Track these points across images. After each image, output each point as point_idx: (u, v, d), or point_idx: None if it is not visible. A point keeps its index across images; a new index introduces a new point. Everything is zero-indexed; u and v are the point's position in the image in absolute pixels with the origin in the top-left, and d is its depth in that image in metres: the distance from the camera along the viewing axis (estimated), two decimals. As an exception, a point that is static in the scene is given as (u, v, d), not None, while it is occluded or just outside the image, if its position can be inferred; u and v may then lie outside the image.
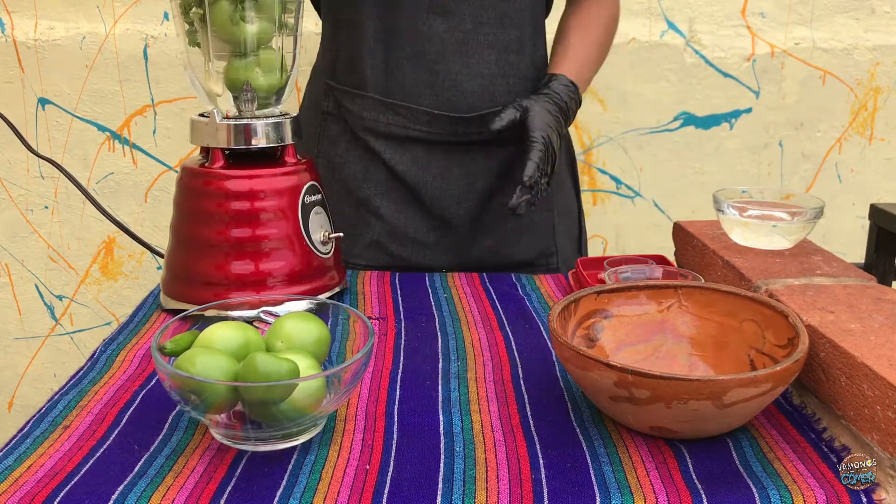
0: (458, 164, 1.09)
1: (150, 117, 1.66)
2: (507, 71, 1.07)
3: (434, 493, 0.56)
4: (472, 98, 1.06)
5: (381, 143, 1.08)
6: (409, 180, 1.09)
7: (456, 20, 1.04)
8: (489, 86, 1.07)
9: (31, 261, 1.73)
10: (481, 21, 1.05)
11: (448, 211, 1.10)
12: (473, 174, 1.09)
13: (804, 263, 0.85)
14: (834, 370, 0.64)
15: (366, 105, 1.08)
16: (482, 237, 1.12)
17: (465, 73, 1.05)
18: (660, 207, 1.81)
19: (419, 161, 1.08)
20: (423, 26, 1.03)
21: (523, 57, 1.08)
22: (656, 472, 0.59)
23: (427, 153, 1.08)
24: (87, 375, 0.73)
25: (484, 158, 1.09)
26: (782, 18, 1.72)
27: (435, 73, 1.05)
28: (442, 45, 1.04)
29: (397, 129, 1.07)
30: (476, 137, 1.08)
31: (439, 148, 1.08)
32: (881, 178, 1.84)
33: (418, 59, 1.04)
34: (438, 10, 1.03)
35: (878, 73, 1.76)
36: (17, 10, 1.59)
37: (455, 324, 0.86)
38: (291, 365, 0.59)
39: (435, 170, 1.08)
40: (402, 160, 1.08)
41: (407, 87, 1.06)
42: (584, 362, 0.61)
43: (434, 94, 1.05)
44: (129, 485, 0.56)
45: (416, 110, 1.06)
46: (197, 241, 0.85)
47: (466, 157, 1.09)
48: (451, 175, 1.09)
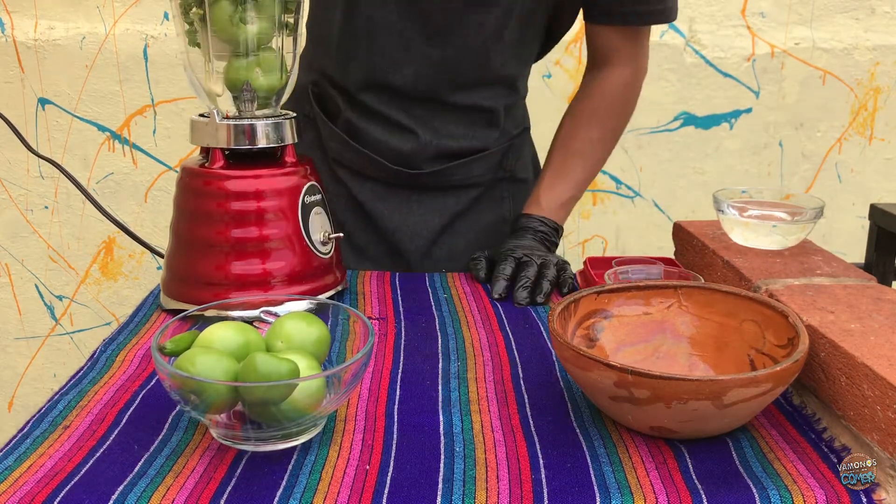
0: (416, 202, 1.10)
1: (150, 117, 1.66)
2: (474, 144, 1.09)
3: (434, 494, 0.56)
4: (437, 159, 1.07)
5: (344, 172, 1.11)
6: (367, 209, 1.11)
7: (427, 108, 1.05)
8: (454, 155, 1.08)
9: (31, 261, 1.73)
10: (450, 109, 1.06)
11: (402, 245, 1.11)
12: (429, 213, 1.11)
13: (804, 263, 0.85)
14: (834, 370, 0.64)
15: (333, 137, 1.10)
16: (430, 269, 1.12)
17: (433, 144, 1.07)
18: (660, 207, 1.81)
19: (378, 194, 1.10)
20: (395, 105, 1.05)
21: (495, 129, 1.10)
22: (656, 472, 0.59)
23: (386, 190, 1.10)
24: (87, 375, 0.73)
25: (442, 198, 1.11)
26: (782, 18, 1.72)
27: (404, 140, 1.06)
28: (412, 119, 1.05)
29: (357, 167, 1.10)
30: (436, 185, 1.10)
31: (399, 186, 1.10)
32: (881, 178, 1.84)
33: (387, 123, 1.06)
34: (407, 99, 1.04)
35: (878, 73, 1.76)
36: (17, 10, 1.59)
37: (455, 324, 0.86)
38: (291, 365, 0.59)
39: (393, 204, 1.10)
40: (362, 189, 1.11)
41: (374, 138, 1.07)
42: (584, 362, 0.61)
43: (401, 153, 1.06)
44: (129, 485, 0.56)
45: (378, 161, 1.07)
46: (197, 241, 0.85)
47: (425, 197, 1.11)
48: (408, 212, 1.10)
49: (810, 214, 0.88)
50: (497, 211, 1.15)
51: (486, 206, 1.14)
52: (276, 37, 0.88)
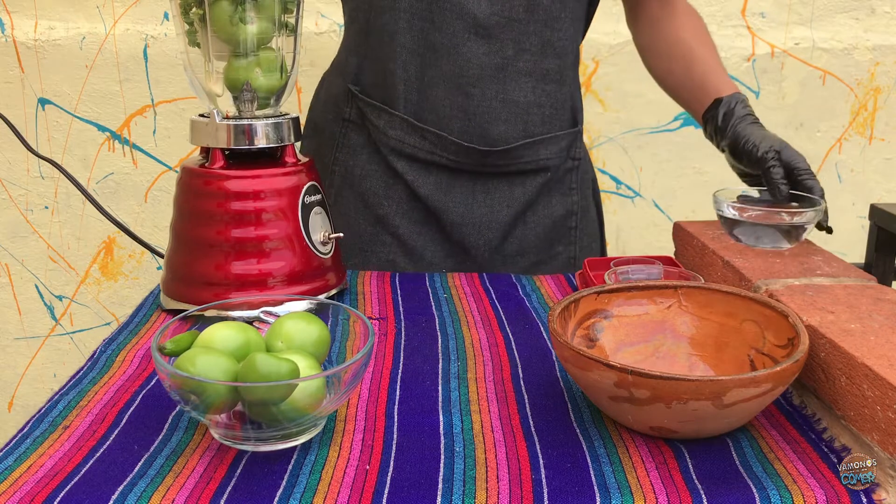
0: (482, 192, 1.06)
1: (150, 117, 1.66)
2: (543, 101, 1.04)
3: (434, 494, 0.56)
4: (504, 126, 1.03)
5: (405, 164, 1.06)
6: (430, 204, 1.06)
7: (497, 45, 1.00)
8: (523, 115, 1.04)
9: (31, 261, 1.73)
10: (523, 48, 1.01)
11: (468, 239, 1.07)
12: (497, 203, 1.07)
13: (804, 263, 0.85)
14: (834, 370, 0.64)
15: (393, 123, 1.05)
16: (501, 267, 1.10)
17: (499, 99, 1.02)
18: (660, 207, 1.81)
19: (442, 186, 1.06)
20: (463, 47, 1.00)
21: (562, 87, 1.06)
22: (656, 472, 0.59)
23: (451, 178, 1.06)
24: (87, 375, 0.73)
25: (508, 188, 1.07)
26: (782, 18, 1.72)
27: (470, 97, 1.01)
28: (480, 68, 1.00)
29: (423, 154, 1.05)
30: (503, 168, 1.06)
31: (464, 175, 1.06)
32: (881, 178, 1.84)
33: (454, 80, 1.01)
34: (481, 31, 0.99)
35: (878, 73, 1.76)
36: (17, 10, 1.59)
37: (455, 324, 0.86)
38: (291, 365, 0.59)
39: (458, 196, 1.06)
40: (425, 183, 1.06)
41: (438, 109, 1.03)
42: (584, 362, 0.61)
43: (466, 118, 1.02)
44: (129, 485, 0.56)
45: (445, 139, 1.03)
46: (197, 241, 0.85)
47: (491, 185, 1.06)
48: (474, 202, 1.06)
49: (810, 216, 0.88)
50: (566, 204, 1.12)
51: (556, 199, 1.11)
52: (276, 37, 0.88)
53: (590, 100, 1.72)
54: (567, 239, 1.13)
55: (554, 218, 1.11)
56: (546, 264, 1.12)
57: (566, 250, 1.13)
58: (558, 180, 1.11)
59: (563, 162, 1.10)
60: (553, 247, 1.12)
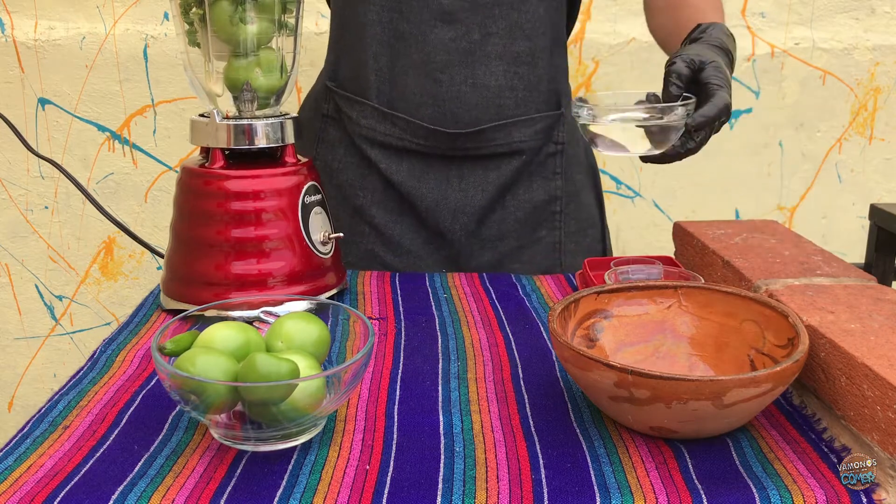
0: (456, 177, 1.06)
1: (150, 117, 1.66)
2: (515, 83, 1.04)
3: (434, 494, 0.56)
4: (476, 110, 1.03)
5: (378, 152, 1.07)
6: (404, 191, 1.07)
7: (464, 30, 1.01)
8: (495, 98, 1.04)
9: (31, 261, 1.73)
10: (490, 31, 1.01)
11: (443, 224, 1.07)
12: (471, 188, 1.07)
13: (804, 263, 0.85)
14: (834, 370, 0.64)
15: (364, 112, 1.06)
16: (479, 253, 1.09)
17: (469, 83, 1.02)
18: (660, 207, 1.81)
19: (415, 172, 1.06)
20: (430, 34, 1.01)
21: (535, 69, 1.05)
22: (656, 472, 0.59)
23: (424, 164, 1.06)
24: (87, 375, 0.73)
25: (483, 172, 1.07)
26: (782, 18, 1.72)
27: (439, 83, 1.02)
28: (448, 54, 1.01)
29: (394, 140, 1.06)
30: (475, 152, 1.06)
31: (437, 160, 1.06)
32: (881, 178, 1.84)
33: (423, 67, 1.02)
34: (447, 17, 1.00)
35: (878, 73, 1.76)
36: (17, 10, 1.59)
37: (455, 324, 0.86)
38: (291, 365, 0.59)
39: (432, 182, 1.06)
40: (398, 170, 1.07)
41: (409, 96, 1.03)
42: (584, 362, 0.61)
43: (436, 104, 1.03)
44: (129, 485, 0.56)
45: (415, 124, 1.04)
46: (197, 241, 0.85)
47: (465, 170, 1.06)
48: (448, 187, 1.06)
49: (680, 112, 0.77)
50: (548, 189, 1.10)
51: (538, 183, 1.10)
52: (276, 37, 0.88)
53: (590, 100, 1.72)
54: (550, 224, 1.11)
55: (535, 202, 1.10)
56: (528, 249, 1.11)
57: (549, 235, 1.11)
58: (539, 164, 1.10)
59: (542, 145, 1.09)
60: (535, 231, 1.10)
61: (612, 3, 1.67)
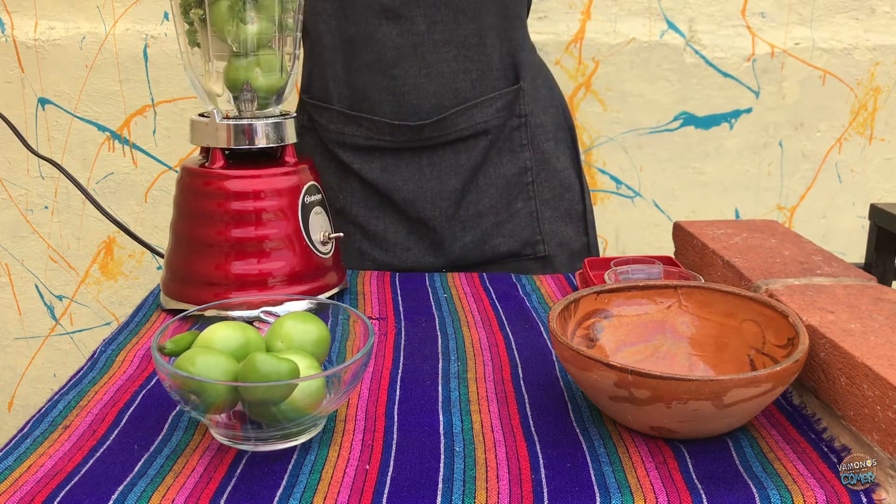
0: (427, 166, 1.09)
1: (150, 117, 1.66)
2: (468, 66, 1.06)
3: (434, 494, 0.56)
4: (435, 98, 1.05)
5: (350, 154, 1.10)
6: (381, 187, 1.09)
7: (407, 23, 1.03)
8: (450, 83, 1.06)
9: (31, 261, 1.73)
10: (434, 20, 1.03)
11: (423, 213, 1.10)
12: (444, 174, 1.09)
13: (804, 263, 0.85)
14: (834, 370, 0.64)
15: (331, 118, 1.09)
16: (461, 234, 1.12)
17: (423, 74, 1.05)
18: (660, 207, 1.80)
19: (388, 168, 1.09)
20: (377, 33, 1.03)
21: (485, 49, 1.06)
22: (656, 472, 0.59)
23: (395, 159, 1.09)
24: (87, 375, 0.73)
25: (453, 157, 1.09)
26: (782, 18, 1.72)
27: (393, 78, 1.04)
28: (396, 49, 1.03)
29: (362, 140, 1.08)
30: (442, 139, 1.08)
31: (407, 153, 1.09)
32: (881, 178, 1.84)
33: (376, 66, 1.04)
34: (389, 14, 1.02)
35: (878, 73, 1.76)
36: (17, 10, 1.59)
37: (455, 324, 0.86)
38: (291, 365, 0.59)
39: (405, 174, 1.09)
40: (371, 168, 1.09)
41: (368, 96, 1.06)
42: (584, 362, 0.61)
43: (395, 99, 1.05)
44: (129, 485, 0.56)
45: (378, 122, 1.06)
46: (197, 241, 0.85)
47: (435, 157, 1.09)
48: (421, 177, 1.09)
49: None
50: (518, 161, 1.12)
51: (507, 158, 1.12)
52: (276, 37, 0.88)
53: (590, 100, 1.72)
54: (525, 195, 1.13)
55: (507, 177, 1.12)
56: (508, 223, 1.13)
57: (526, 206, 1.14)
58: (506, 139, 1.12)
59: (506, 121, 1.11)
60: (511, 204, 1.13)
61: (613, 3, 1.67)
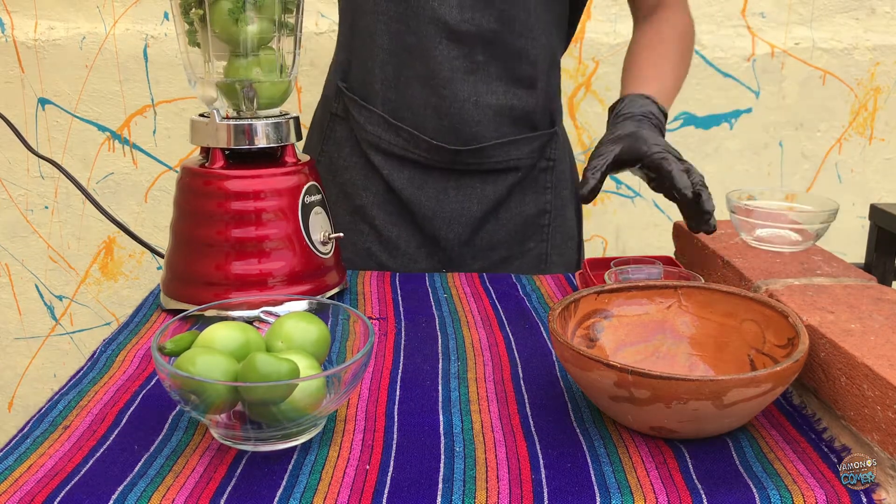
0: (453, 189, 1.09)
1: (150, 117, 1.66)
2: (514, 104, 1.07)
3: (434, 494, 0.56)
4: (477, 127, 1.06)
5: (381, 158, 1.09)
6: (404, 197, 1.09)
7: (467, 50, 1.03)
8: (495, 116, 1.06)
9: (31, 261, 1.73)
10: (494, 56, 1.04)
11: (439, 232, 1.10)
12: (468, 200, 1.10)
13: (804, 263, 0.85)
14: (834, 370, 0.64)
15: (371, 119, 1.08)
16: (471, 261, 1.12)
17: (472, 101, 1.05)
18: (660, 207, 1.80)
19: (415, 180, 1.09)
20: (435, 50, 1.02)
21: (534, 91, 1.08)
22: (656, 472, 0.59)
23: (424, 174, 1.09)
24: (87, 375, 0.73)
25: (480, 186, 1.10)
26: (782, 18, 1.72)
27: (442, 98, 1.04)
28: (451, 71, 1.03)
29: (397, 150, 1.08)
30: (474, 167, 1.08)
31: (437, 171, 1.09)
32: (881, 178, 1.84)
33: (427, 80, 1.04)
34: (452, 36, 1.02)
35: (878, 73, 1.76)
36: (17, 10, 1.59)
37: (455, 324, 0.86)
38: (291, 365, 0.59)
39: (430, 191, 1.09)
40: (399, 177, 1.09)
41: (413, 107, 1.06)
42: (584, 362, 0.61)
43: (439, 117, 1.05)
44: (129, 485, 0.56)
45: (418, 137, 1.06)
46: (197, 241, 0.85)
47: (463, 182, 1.09)
48: (445, 198, 1.09)
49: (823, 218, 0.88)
50: (539, 203, 1.14)
51: (529, 197, 1.13)
52: (276, 37, 0.88)
53: (590, 100, 1.72)
54: (539, 236, 1.15)
55: (526, 215, 1.13)
56: (517, 259, 1.14)
57: (538, 247, 1.15)
58: (533, 179, 1.13)
59: (536, 162, 1.13)
60: (524, 243, 1.14)
61: (613, 3, 1.67)
